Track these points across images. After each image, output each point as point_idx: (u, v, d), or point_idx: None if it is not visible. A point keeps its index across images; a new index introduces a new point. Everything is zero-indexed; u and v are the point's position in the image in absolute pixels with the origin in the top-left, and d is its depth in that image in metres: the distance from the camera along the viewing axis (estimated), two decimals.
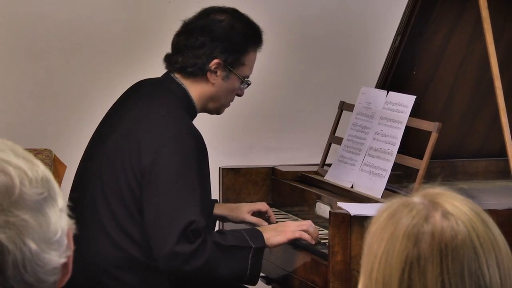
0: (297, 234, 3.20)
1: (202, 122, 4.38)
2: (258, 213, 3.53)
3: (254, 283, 3.22)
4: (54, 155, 3.93)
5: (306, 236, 3.20)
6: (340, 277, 2.97)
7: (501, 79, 3.21)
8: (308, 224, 3.25)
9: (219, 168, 3.87)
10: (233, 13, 3.32)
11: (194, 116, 3.32)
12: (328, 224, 3.03)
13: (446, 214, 1.47)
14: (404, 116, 3.37)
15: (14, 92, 4.29)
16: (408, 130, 3.37)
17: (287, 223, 3.31)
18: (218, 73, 3.24)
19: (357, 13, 4.51)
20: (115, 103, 3.36)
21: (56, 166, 3.90)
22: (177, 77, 3.27)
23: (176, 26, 3.31)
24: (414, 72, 3.70)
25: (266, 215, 3.53)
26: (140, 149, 3.11)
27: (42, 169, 1.31)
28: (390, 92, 3.50)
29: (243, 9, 4.40)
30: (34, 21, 4.26)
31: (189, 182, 3.11)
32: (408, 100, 3.39)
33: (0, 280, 1.24)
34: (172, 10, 4.17)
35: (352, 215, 2.96)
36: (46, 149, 3.97)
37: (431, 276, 1.44)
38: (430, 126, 3.29)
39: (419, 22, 3.58)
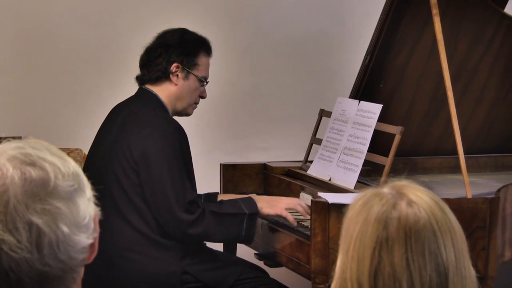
0: (284, 214, 3.22)
1: (205, 126, 4.37)
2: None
3: (250, 243, 3.27)
4: (84, 153, 3.91)
5: (290, 218, 3.21)
6: (320, 254, 2.96)
7: (452, 91, 3.21)
8: (295, 202, 3.26)
9: (220, 164, 3.86)
10: (183, 30, 3.38)
11: None
12: (310, 210, 3.01)
13: (410, 203, 1.45)
14: (373, 121, 3.36)
15: (51, 102, 4.28)
16: (376, 133, 3.36)
17: (279, 199, 3.31)
18: (179, 75, 3.29)
19: (334, 36, 4.50)
20: (103, 122, 3.38)
21: None
22: (148, 87, 3.32)
23: None
24: (381, 85, 3.69)
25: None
26: (130, 145, 3.15)
27: (73, 165, 1.30)
28: (361, 102, 3.49)
29: (238, 33, 4.40)
30: (73, 44, 4.26)
31: (176, 163, 3.14)
32: (376, 108, 3.39)
33: (38, 258, 1.23)
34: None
35: (330, 203, 2.95)
36: (77, 148, 3.95)
37: (397, 254, 1.42)
38: (394, 129, 3.29)
39: (385, 43, 3.58)
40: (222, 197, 3.53)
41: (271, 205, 3.23)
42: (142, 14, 4.30)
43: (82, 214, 1.27)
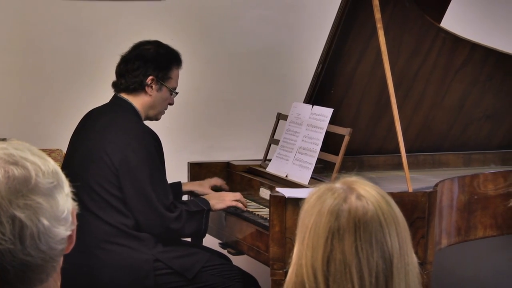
0: (233, 203, 3.32)
1: (174, 128, 4.34)
2: (215, 186, 3.65)
3: (204, 236, 3.34)
4: (64, 153, 3.86)
5: (240, 204, 3.33)
6: (278, 243, 2.95)
7: (395, 96, 3.22)
8: (238, 195, 3.36)
9: (188, 163, 3.84)
10: (157, 43, 3.36)
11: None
12: (269, 204, 3.01)
13: (359, 196, 1.45)
14: (324, 124, 3.37)
15: (34, 106, 4.23)
16: (328, 134, 3.37)
17: (224, 194, 3.41)
18: (153, 86, 3.29)
19: (290, 47, 4.50)
20: (79, 126, 3.34)
21: None
22: (123, 95, 3.30)
23: None
24: (332, 91, 3.70)
25: (222, 187, 3.64)
26: (109, 153, 3.12)
27: (52, 164, 1.29)
28: (314, 106, 3.50)
29: (203, 44, 4.39)
30: (54, 53, 4.21)
31: (156, 168, 3.14)
32: (327, 112, 3.40)
33: (21, 249, 1.21)
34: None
35: (287, 197, 2.95)
36: (58, 149, 3.90)
37: (347, 243, 1.42)
38: (343, 131, 3.30)
39: (335, 54, 3.58)
40: (184, 185, 3.60)
41: (220, 201, 3.32)
42: (116, 26, 4.27)
43: (61, 209, 1.26)
